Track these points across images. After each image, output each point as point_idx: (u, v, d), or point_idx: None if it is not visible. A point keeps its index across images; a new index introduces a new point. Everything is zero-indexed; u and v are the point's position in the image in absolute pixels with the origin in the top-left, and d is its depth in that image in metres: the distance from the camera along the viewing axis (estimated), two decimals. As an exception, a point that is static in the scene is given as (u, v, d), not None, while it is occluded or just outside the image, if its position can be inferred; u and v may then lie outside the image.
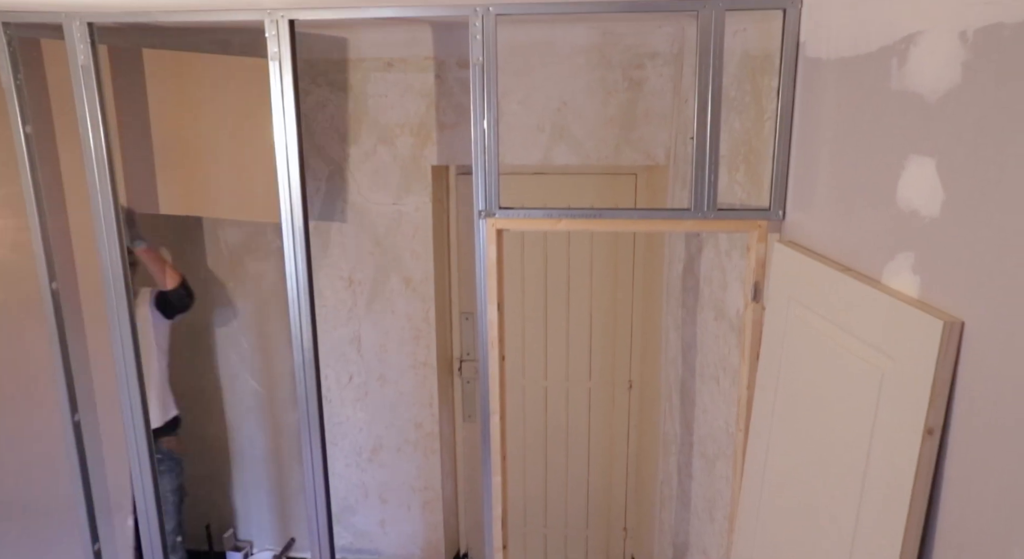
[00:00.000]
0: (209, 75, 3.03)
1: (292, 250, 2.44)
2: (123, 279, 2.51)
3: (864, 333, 1.67)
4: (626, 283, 3.67)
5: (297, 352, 2.50)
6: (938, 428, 1.47)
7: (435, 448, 3.76)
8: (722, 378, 2.75)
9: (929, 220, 1.49)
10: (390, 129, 3.36)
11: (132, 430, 2.63)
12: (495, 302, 2.25)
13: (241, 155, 3.05)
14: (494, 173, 2.19)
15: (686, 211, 2.19)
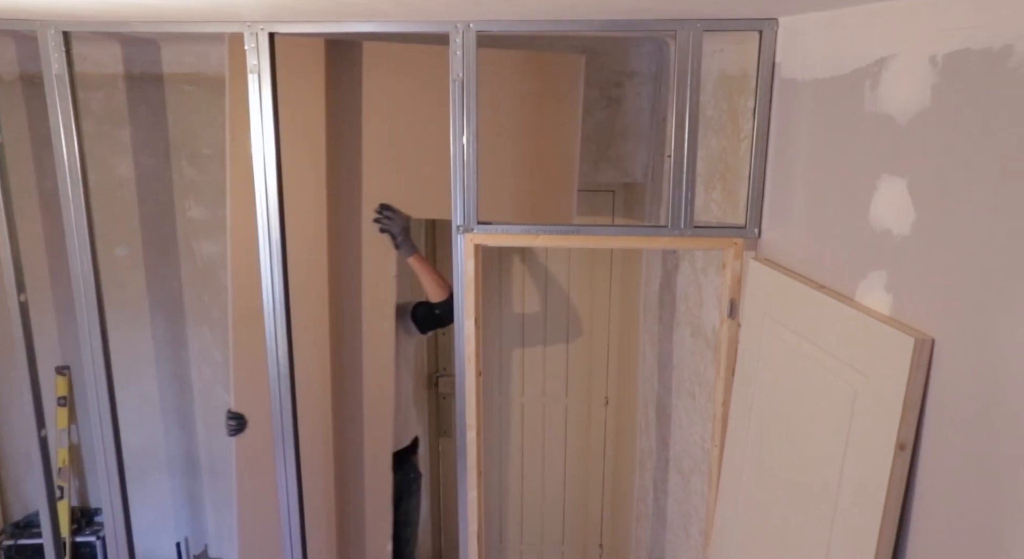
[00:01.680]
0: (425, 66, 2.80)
1: (268, 263, 2.43)
2: (95, 289, 2.48)
3: (837, 350, 1.69)
4: (603, 299, 3.69)
5: (272, 365, 2.48)
6: (909, 444, 1.49)
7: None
8: (698, 394, 2.77)
9: (901, 239, 1.52)
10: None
11: (102, 442, 2.58)
12: (472, 317, 2.25)
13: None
14: (473, 189, 2.20)
15: (663, 228, 2.21)
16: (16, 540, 3.73)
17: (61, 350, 3.75)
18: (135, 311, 3.64)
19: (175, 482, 3.87)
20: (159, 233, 3.56)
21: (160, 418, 3.77)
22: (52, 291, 3.68)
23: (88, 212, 2.45)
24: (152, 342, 3.68)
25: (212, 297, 3.59)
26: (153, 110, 3.41)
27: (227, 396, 3.70)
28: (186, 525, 3.92)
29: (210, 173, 3.45)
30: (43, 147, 3.46)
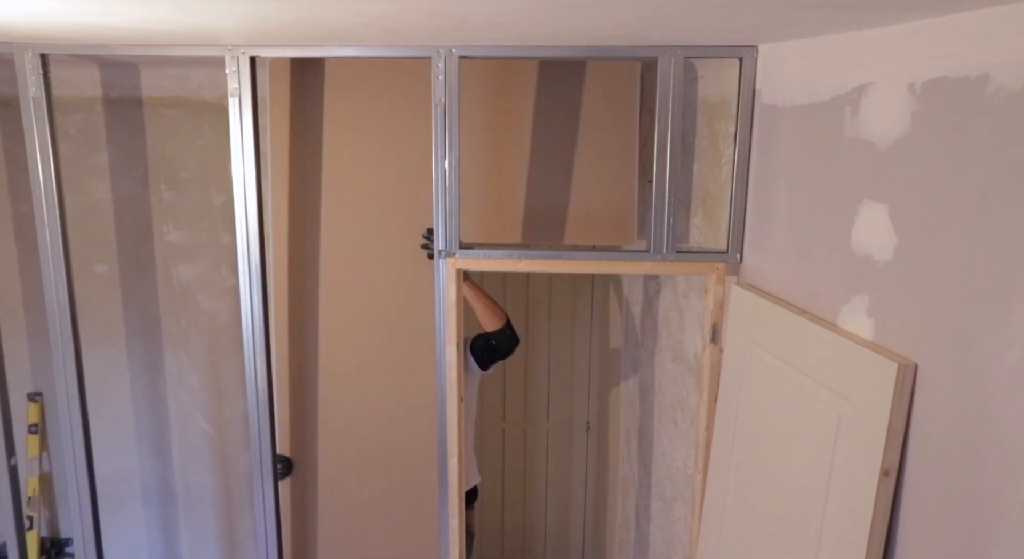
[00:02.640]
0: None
1: (248, 287, 2.40)
2: (69, 313, 2.43)
3: (821, 375, 1.69)
4: (584, 324, 3.68)
5: (251, 391, 2.44)
6: (894, 469, 1.48)
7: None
8: (680, 420, 2.75)
9: (883, 264, 1.52)
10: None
11: (74, 470, 2.53)
12: (454, 342, 2.24)
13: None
14: (455, 213, 2.19)
15: (645, 253, 2.21)
16: (-17, 572, 3.62)
17: (33, 376, 3.67)
18: (110, 336, 3.58)
19: (149, 512, 3.79)
20: (136, 257, 3.51)
21: (135, 445, 3.70)
22: (25, 316, 3.61)
23: (64, 236, 2.41)
24: (127, 367, 3.62)
25: (189, 321, 3.54)
26: (131, 133, 3.38)
27: (204, 424, 3.64)
28: (160, 555, 3.83)
29: (188, 197, 3.42)
30: (18, 171, 3.42)
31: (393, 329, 2.76)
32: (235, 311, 3.51)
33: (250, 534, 3.73)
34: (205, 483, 3.72)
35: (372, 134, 2.73)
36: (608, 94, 2.63)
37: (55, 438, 3.71)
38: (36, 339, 3.62)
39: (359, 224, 2.77)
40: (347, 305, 2.81)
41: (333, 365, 2.78)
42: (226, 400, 3.60)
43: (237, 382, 3.55)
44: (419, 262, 2.64)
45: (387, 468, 2.75)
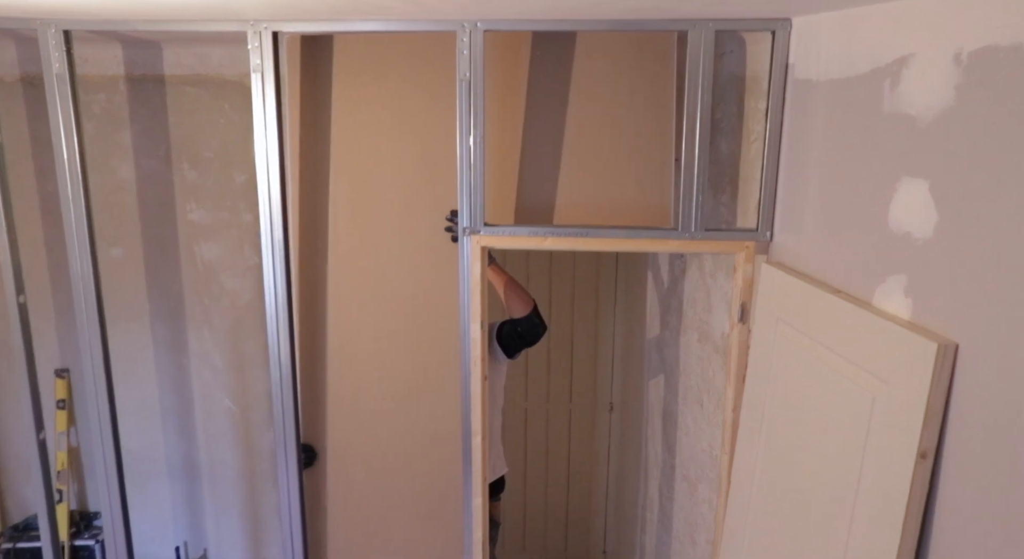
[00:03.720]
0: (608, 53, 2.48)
1: (271, 265, 2.39)
2: (94, 291, 2.44)
3: (855, 355, 1.65)
4: (608, 304, 3.65)
5: (274, 369, 2.44)
6: (931, 452, 1.45)
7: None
8: (706, 401, 2.72)
9: (922, 242, 1.48)
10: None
11: (101, 445, 2.54)
12: (479, 320, 2.21)
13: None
14: (479, 190, 2.16)
15: (673, 231, 2.17)
16: (15, 543, 3.69)
17: (60, 353, 3.71)
18: (135, 314, 3.60)
19: (175, 486, 3.82)
20: (160, 236, 3.52)
21: (160, 422, 3.73)
22: (52, 294, 3.64)
23: (88, 214, 2.41)
24: (152, 346, 3.64)
25: (212, 300, 3.55)
26: (154, 112, 3.37)
27: (228, 402, 3.66)
28: (185, 530, 3.87)
29: (211, 176, 3.42)
30: (43, 150, 3.43)
31: (413, 314, 2.69)
32: (257, 290, 3.52)
33: (273, 511, 3.75)
34: (229, 460, 3.74)
35: (384, 113, 2.65)
36: (642, 70, 2.51)
37: (82, 414, 3.75)
38: (63, 317, 3.65)
39: (374, 207, 2.69)
40: (363, 290, 2.75)
41: (350, 352, 2.72)
42: (249, 379, 3.62)
43: (259, 361, 3.56)
44: (438, 244, 2.58)
45: (409, 457, 2.70)
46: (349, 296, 2.73)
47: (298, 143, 2.75)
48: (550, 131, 2.41)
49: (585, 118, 2.42)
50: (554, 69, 2.42)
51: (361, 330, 2.70)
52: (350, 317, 2.73)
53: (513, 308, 2.67)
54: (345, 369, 2.65)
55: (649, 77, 2.45)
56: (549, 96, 2.41)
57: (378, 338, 2.67)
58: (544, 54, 2.42)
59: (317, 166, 2.72)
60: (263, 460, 3.72)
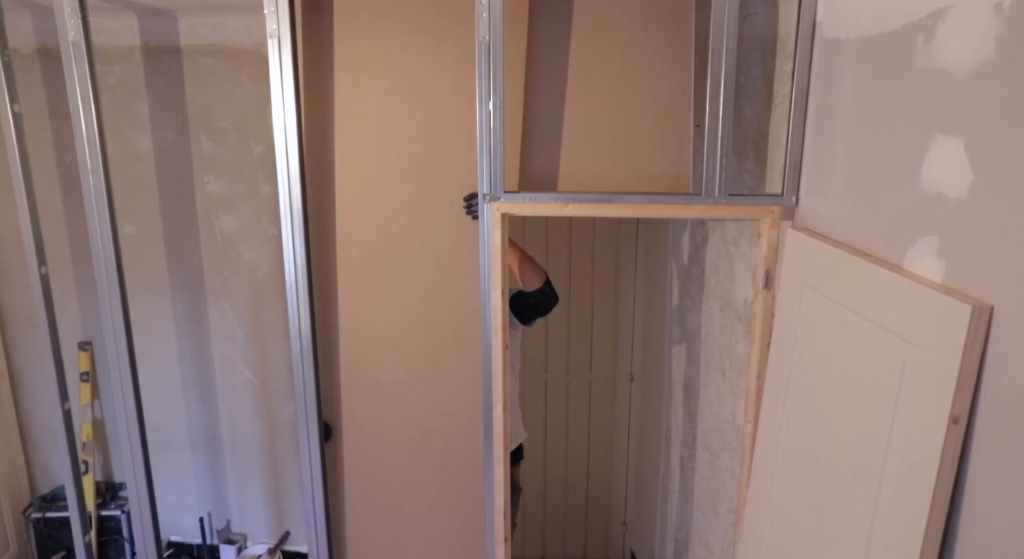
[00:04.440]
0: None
1: (290, 236, 2.38)
2: (115, 262, 2.44)
3: (884, 320, 1.62)
4: (628, 273, 3.62)
5: (295, 340, 2.44)
6: (964, 417, 1.42)
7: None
8: (728, 369, 2.70)
9: (955, 202, 1.44)
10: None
11: (125, 417, 2.56)
12: (499, 288, 2.19)
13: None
14: (499, 156, 2.13)
15: (696, 196, 2.13)
16: (44, 513, 3.75)
17: (83, 326, 3.74)
18: (155, 287, 3.62)
19: (197, 458, 3.86)
20: (178, 208, 3.52)
21: (181, 395, 3.76)
22: (73, 268, 3.66)
23: (107, 185, 2.41)
24: (172, 318, 3.66)
25: (232, 272, 3.55)
26: (170, 83, 3.36)
27: (248, 373, 3.68)
28: (208, 501, 3.92)
29: (228, 147, 3.41)
30: (61, 122, 3.43)
31: (427, 286, 2.62)
32: (275, 262, 3.52)
33: (295, 481, 3.78)
34: (250, 431, 3.77)
35: (389, 82, 2.55)
36: (658, 32, 2.40)
37: (105, 386, 3.79)
38: (84, 290, 3.68)
39: (384, 178, 2.58)
40: (375, 264, 2.66)
41: (364, 328, 2.65)
42: (268, 350, 3.63)
43: (278, 333, 3.57)
44: (453, 214, 2.49)
45: (426, 430, 2.63)
46: (360, 271, 2.65)
47: (303, 114, 2.69)
48: (560, 95, 2.32)
49: (598, 82, 2.34)
50: (563, 31, 2.35)
51: (374, 304, 2.63)
52: (362, 292, 2.66)
53: (526, 281, 2.70)
54: (359, 345, 2.60)
55: (666, 40, 2.38)
56: (558, 59, 2.33)
57: (392, 312, 2.61)
58: (554, 15, 2.35)
59: (324, 137, 2.64)
60: (284, 431, 3.75)
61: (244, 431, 3.79)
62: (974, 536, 1.44)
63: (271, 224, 3.45)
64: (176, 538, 3.94)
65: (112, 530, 3.78)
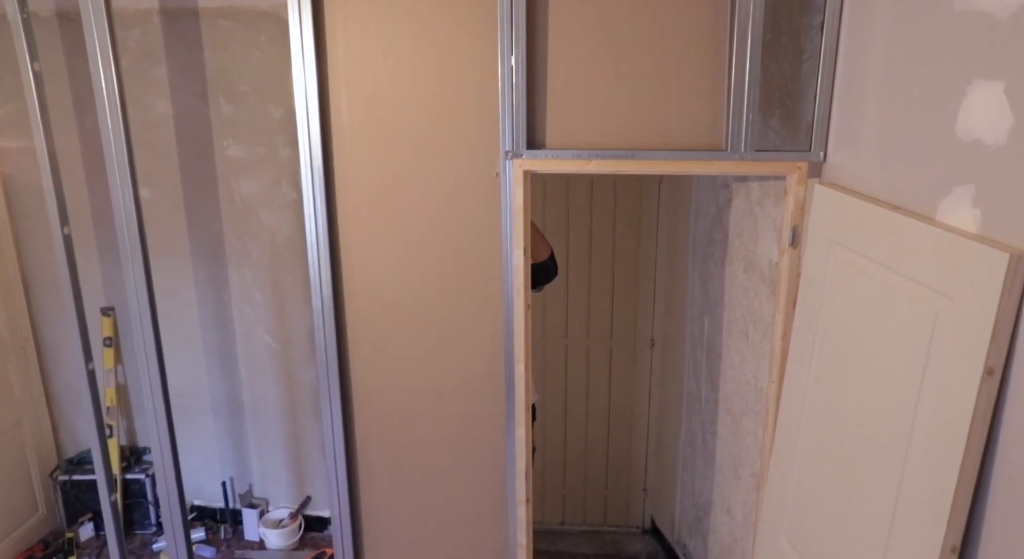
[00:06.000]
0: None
1: (312, 199, 2.35)
2: (137, 226, 2.44)
3: (916, 273, 1.59)
4: (650, 238, 3.58)
5: (316, 301, 2.43)
6: (999, 369, 1.39)
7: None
8: (751, 332, 2.67)
9: (994, 149, 1.40)
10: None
11: (149, 381, 2.57)
12: (521, 247, 2.17)
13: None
14: (522, 112, 2.10)
15: (722, 152, 2.09)
16: (70, 476, 3.81)
17: (105, 292, 3.76)
18: (176, 252, 3.63)
19: (219, 423, 3.90)
20: (198, 172, 3.52)
21: (203, 360, 3.79)
22: (95, 234, 3.68)
23: (129, 148, 2.39)
24: (193, 283, 3.67)
25: (251, 237, 3.56)
26: (188, 46, 3.34)
27: (268, 338, 3.69)
28: (231, 465, 3.96)
29: (247, 111, 3.39)
30: (81, 86, 3.43)
31: (444, 248, 2.52)
32: (295, 226, 3.52)
33: (316, 446, 3.81)
34: (271, 396, 3.80)
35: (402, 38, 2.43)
36: None
37: (128, 352, 3.82)
38: (106, 256, 3.69)
39: (398, 138, 2.38)
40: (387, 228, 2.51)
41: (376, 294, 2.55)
42: (288, 315, 3.64)
43: (298, 297, 3.58)
44: (469, 175, 2.37)
45: (442, 396, 2.57)
46: (372, 236, 2.56)
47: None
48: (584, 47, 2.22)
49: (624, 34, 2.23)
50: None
51: (389, 268, 2.54)
52: (376, 256, 2.55)
53: (535, 253, 2.68)
54: (376, 310, 2.54)
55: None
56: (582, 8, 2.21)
57: (409, 276, 2.51)
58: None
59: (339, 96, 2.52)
60: (305, 396, 3.77)
61: (265, 396, 3.81)
62: (1007, 491, 1.41)
63: (291, 188, 3.44)
64: (199, 502, 3.99)
65: (137, 493, 3.84)
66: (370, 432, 2.60)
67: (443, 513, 2.64)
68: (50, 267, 3.72)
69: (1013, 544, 1.39)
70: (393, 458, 2.62)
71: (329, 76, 2.28)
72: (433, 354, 2.46)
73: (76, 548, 3.70)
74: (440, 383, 2.49)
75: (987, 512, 1.47)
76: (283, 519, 3.87)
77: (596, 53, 2.12)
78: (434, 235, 2.35)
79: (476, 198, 2.26)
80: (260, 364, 3.76)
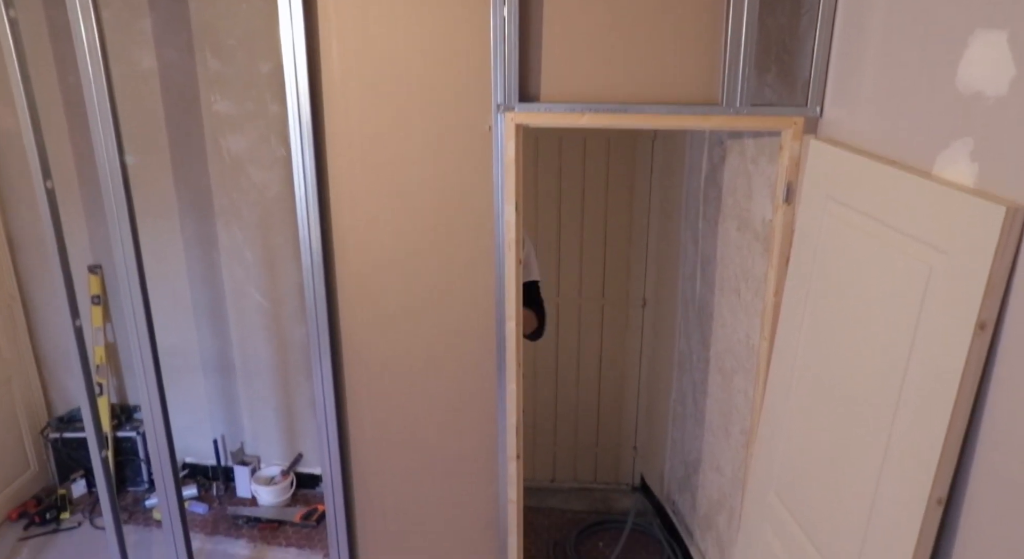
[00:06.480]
0: None
1: (300, 156, 2.31)
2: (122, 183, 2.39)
3: (911, 228, 1.57)
4: (643, 197, 3.55)
5: (306, 258, 2.41)
6: (991, 322, 1.38)
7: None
8: (743, 290, 2.67)
9: (994, 101, 1.37)
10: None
11: (137, 339, 2.56)
12: (513, 202, 2.15)
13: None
14: (514, 65, 2.06)
15: (717, 106, 2.06)
16: (61, 434, 3.81)
17: (92, 250, 3.73)
18: (163, 210, 3.59)
19: (210, 381, 3.90)
20: (185, 128, 3.46)
21: (193, 318, 3.77)
22: (80, 191, 3.63)
23: (112, 103, 2.34)
24: (182, 241, 3.64)
25: (240, 195, 3.51)
26: (173, -2, 3.26)
27: (258, 296, 3.67)
28: (222, 423, 3.97)
29: (234, 65, 3.32)
30: (62, 40, 3.35)
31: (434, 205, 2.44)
32: (286, 183, 3.47)
33: (307, 404, 3.82)
34: (262, 355, 3.79)
35: None
36: None
37: (117, 310, 3.80)
38: (92, 213, 3.65)
39: (387, 90, 2.30)
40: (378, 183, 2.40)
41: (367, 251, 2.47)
42: (278, 273, 3.61)
43: (288, 255, 3.55)
44: (461, 129, 2.25)
45: (431, 357, 2.52)
46: (363, 192, 2.49)
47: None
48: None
49: None
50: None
51: (379, 225, 2.46)
52: (366, 213, 2.48)
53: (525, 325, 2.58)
54: (365, 268, 2.50)
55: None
56: None
57: (399, 233, 2.43)
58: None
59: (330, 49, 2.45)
60: (295, 354, 3.76)
61: (256, 354, 3.80)
62: (994, 444, 1.42)
63: (279, 144, 3.39)
64: (191, 459, 4.01)
65: (129, 451, 3.85)
66: (361, 389, 2.59)
67: (434, 469, 2.65)
68: (35, 225, 3.67)
69: (998, 496, 1.41)
70: (384, 415, 2.62)
71: (320, 27, 2.23)
72: (424, 310, 2.44)
73: (69, 504, 3.72)
74: (431, 339, 2.48)
75: (973, 465, 1.48)
76: (275, 476, 3.89)
77: (591, 4, 2.07)
78: (426, 191, 2.32)
79: (468, 153, 2.23)
80: (250, 322, 3.75)
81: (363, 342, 2.53)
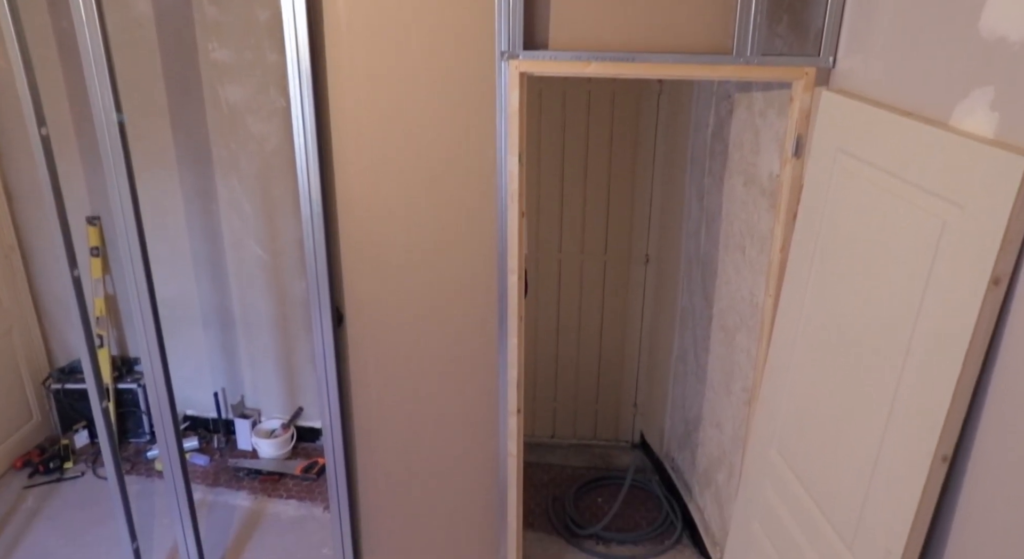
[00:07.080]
0: None
1: (300, 106, 2.26)
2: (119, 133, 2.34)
3: (926, 180, 1.53)
4: (647, 151, 3.50)
5: (305, 209, 2.37)
6: (1006, 278, 1.35)
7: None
8: (748, 247, 2.63)
9: (1019, 46, 1.32)
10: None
11: (136, 291, 2.53)
12: (516, 152, 2.10)
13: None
14: (519, 10, 1.99)
15: (727, 56, 2.01)
16: (63, 384, 3.81)
17: (90, 201, 3.68)
18: (161, 161, 3.54)
19: (210, 334, 3.88)
20: (182, 77, 3.39)
21: (192, 271, 3.74)
22: (77, 142, 3.57)
23: (107, 50, 2.27)
24: (181, 193, 3.59)
25: (239, 146, 3.46)
26: (169, -60, 3.17)
27: (258, 249, 3.64)
28: (223, 376, 3.97)
29: (232, 12, 3.24)
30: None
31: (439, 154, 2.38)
32: (284, 134, 3.42)
33: (307, 358, 3.81)
34: (261, 308, 3.77)
35: None
36: None
37: (116, 262, 3.77)
38: (89, 164, 3.60)
39: (390, 38, 2.23)
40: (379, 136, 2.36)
41: (368, 207, 2.43)
42: (278, 225, 3.58)
43: (288, 208, 3.50)
44: (464, 78, 2.18)
45: (434, 310, 2.48)
46: (365, 141, 2.44)
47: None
48: None
49: None
50: None
51: (380, 179, 2.43)
52: (367, 166, 2.45)
53: None
54: (366, 222, 2.46)
55: None
56: None
57: (400, 185, 2.39)
58: None
59: None
60: (295, 308, 3.74)
61: (256, 308, 3.78)
62: (1003, 401, 1.40)
63: (279, 94, 3.33)
64: (192, 412, 4.02)
65: (130, 402, 3.85)
66: (362, 342, 2.58)
67: (434, 422, 2.64)
68: (33, 174, 3.62)
69: (1004, 454, 1.39)
70: (384, 368, 2.60)
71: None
72: (426, 263, 2.41)
73: (72, 454, 3.74)
74: (432, 292, 2.45)
75: (981, 423, 1.46)
76: (275, 429, 3.90)
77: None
78: (428, 142, 2.27)
79: (472, 103, 2.17)
80: (250, 275, 3.72)
81: (365, 294, 2.51)
